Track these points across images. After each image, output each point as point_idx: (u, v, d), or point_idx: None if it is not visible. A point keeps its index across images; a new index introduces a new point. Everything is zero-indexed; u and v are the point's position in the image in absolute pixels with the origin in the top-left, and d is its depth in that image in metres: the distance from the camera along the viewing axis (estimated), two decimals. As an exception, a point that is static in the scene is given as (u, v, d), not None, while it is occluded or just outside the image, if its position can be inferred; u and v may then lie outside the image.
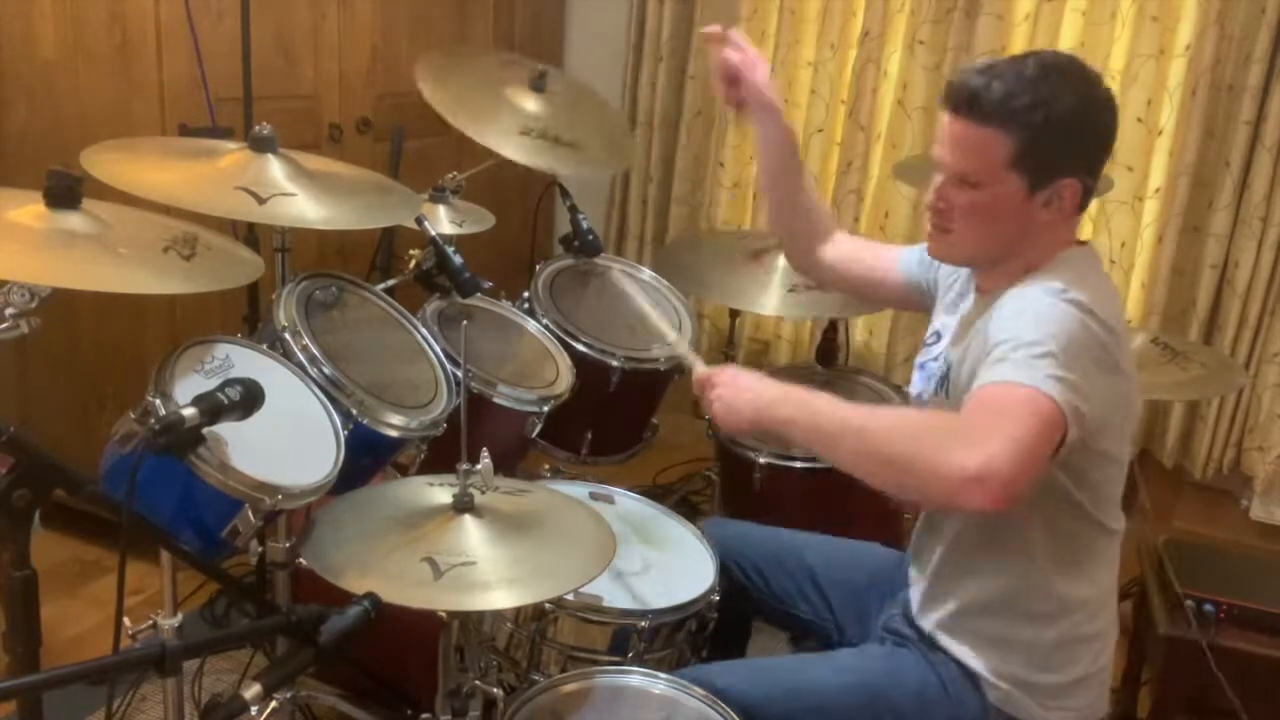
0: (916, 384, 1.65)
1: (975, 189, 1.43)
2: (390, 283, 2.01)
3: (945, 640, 1.55)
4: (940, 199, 1.47)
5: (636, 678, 1.53)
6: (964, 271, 1.63)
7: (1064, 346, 1.30)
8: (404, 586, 1.31)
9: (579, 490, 1.90)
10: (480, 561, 1.36)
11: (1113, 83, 3.03)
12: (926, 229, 1.52)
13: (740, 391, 1.44)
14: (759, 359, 3.63)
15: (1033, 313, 1.35)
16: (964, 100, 1.40)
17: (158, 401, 1.40)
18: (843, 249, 1.87)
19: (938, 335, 1.64)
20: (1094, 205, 3.11)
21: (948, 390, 1.51)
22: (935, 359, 1.61)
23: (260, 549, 1.61)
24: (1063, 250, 1.47)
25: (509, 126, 2.18)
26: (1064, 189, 1.41)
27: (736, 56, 1.73)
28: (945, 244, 1.50)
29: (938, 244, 1.51)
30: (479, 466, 1.47)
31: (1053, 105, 1.37)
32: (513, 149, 2.13)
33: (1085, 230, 3.15)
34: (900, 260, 1.79)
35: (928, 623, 1.57)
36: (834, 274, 1.88)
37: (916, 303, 1.78)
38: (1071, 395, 1.28)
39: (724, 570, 1.78)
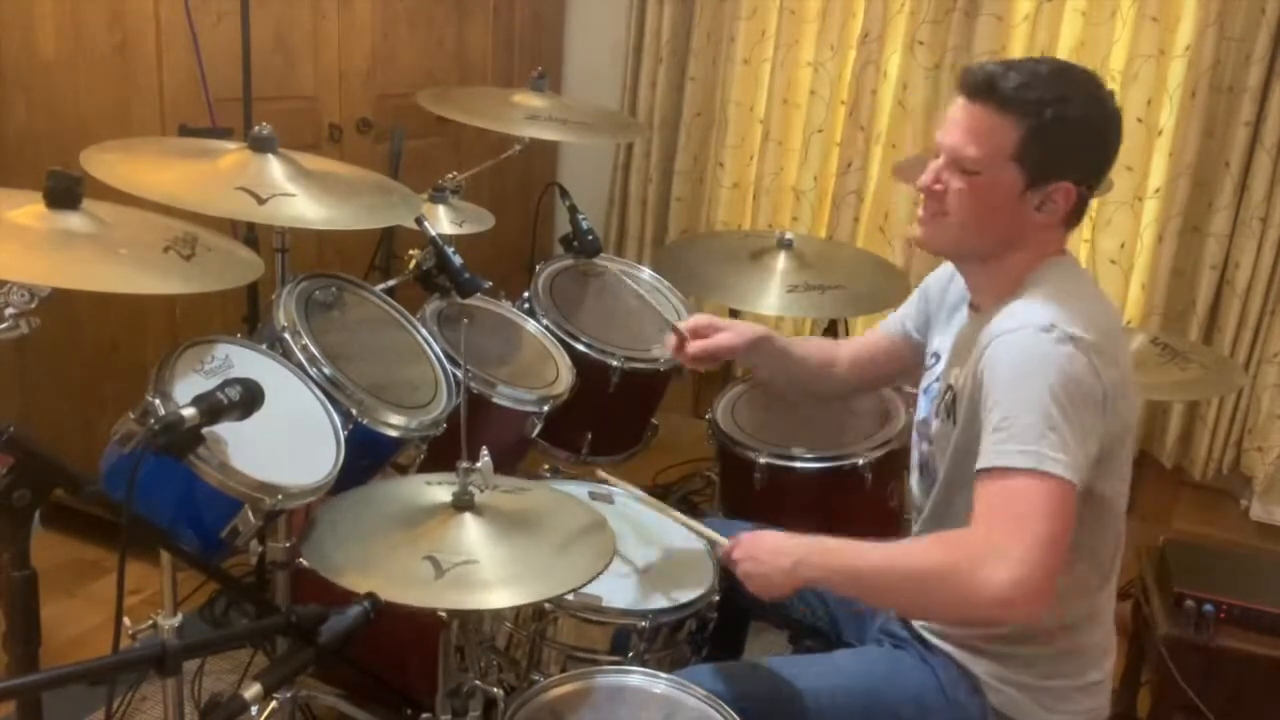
0: (922, 409, 1.64)
1: (974, 175, 1.42)
2: (390, 283, 2.01)
3: (942, 644, 1.54)
4: (936, 180, 1.46)
5: (636, 678, 1.52)
6: (955, 287, 1.63)
7: (1063, 409, 1.29)
8: (406, 586, 1.30)
9: (579, 490, 1.89)
10: (482, 560, 1.36)
11: (1113, 83, 3.03)
12: (918, 214, 1.51)
13: (761, 564, 1.44)
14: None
15: (1029, 372, 1.32)
16: (981, 84, 1.40)
17: (157, 401, 1.40)
18: (853, 361, 1.88)
19: (936, 356, 1.64)
20: (1094, 205, 3.11)
21: (955, 418, 1.49)
22: (937, 380, 1.60)
23: (260, 549, 1.61)
24: (1050, 258, 1.46)
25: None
26: (1058, 192, 1.41)
27: (701, 337, 1.79)
28: (936, 228, 1.48)
29: (928, 228, 1.49)
30: (479, 465, 1.47)
31: (1062, 105, 1.38)
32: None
33: (1085, 230, 3.16)
34: (895, 322, 1.80)
35: (925, 628, 1.57)
36: (861, 381, 1.91)
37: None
38: (1080, 460, 1.29)
39: (722, 571, 1.77)
